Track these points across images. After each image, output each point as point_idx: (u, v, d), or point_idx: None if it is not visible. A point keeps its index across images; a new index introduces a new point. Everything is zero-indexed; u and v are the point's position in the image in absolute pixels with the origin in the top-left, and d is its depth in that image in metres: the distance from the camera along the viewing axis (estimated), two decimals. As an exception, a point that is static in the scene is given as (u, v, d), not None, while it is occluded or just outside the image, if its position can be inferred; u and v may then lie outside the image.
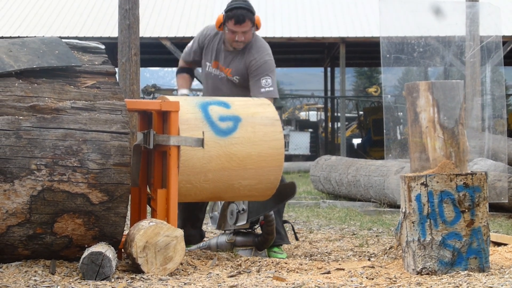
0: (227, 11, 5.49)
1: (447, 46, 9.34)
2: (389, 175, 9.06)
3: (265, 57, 5.53)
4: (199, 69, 5.94)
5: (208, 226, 7.05)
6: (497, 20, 9.30)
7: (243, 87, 5.56)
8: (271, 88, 5.44)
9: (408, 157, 4.62)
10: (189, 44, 5.81)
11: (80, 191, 4.10)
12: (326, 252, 5.49)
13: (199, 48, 5.72)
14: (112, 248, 4.16)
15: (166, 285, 3.93)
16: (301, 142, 25.70)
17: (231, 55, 5.57)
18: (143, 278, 4.05)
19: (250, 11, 5.47)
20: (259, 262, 4.68)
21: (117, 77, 4.75)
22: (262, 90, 5.42)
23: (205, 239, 5.83)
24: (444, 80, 4.59)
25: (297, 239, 5.54)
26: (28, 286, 3.79)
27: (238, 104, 4.92)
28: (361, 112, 28.69)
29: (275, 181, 4.90)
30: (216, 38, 5.67)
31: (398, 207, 6.20)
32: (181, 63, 5.87)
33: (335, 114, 27.30)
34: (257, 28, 5.55)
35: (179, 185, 4.65)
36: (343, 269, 4.44)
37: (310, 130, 27.62)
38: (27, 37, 7.48)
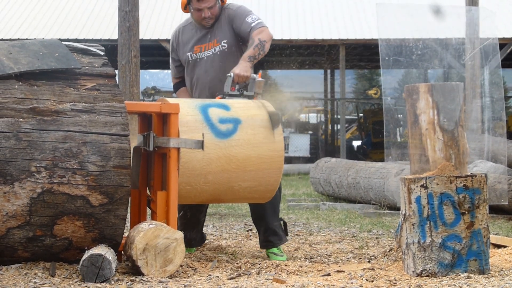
0: None
1: (445, 49, 9.36)
2: (389, 177, 9.06)
3: (235, 4, 5.59)
4: None
5: (209, 229, 7.05)
6: (493, 24, 9.34)
7: (232, 53, 5.49)
8: (260, 20, 5.45)
9: (408, 159, 4.62)
10: (170, 61, 5.78)
11: (80, 193, 4.10)
12: (326, 254, 5.49)
13: (176, 55, 5.67)
14: (112, 250, 4.16)
15: (166, 287, 3.92)
16: (301, 144, 25.67)
17: (209, 30, 5.54)
18: (143, 280, 4.04)
19: None
20: (259, 264, 4.68)
21: (117, 79, 4.75)
22: (253, 24, 5.40)
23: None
24: (444, 82, 4.59)
25: (286, 234, 5.48)
26: (28, 288, 3.79)
27: (238, 106, 4.92)
28: (361, 114, 28.69)
29: (275, 183, 4.90)
30: (185, 30, 5.63)
31: (398, 209, 6.20)
32: (173, 80, 5.81)
33: (335, 116, 27.30)
34: (223, 1, 5.53)
35: (179, 187, 4.65)
36: (343, 271, 4.43)
37: (310, 132, 27.61)
38: (27, 39, 7.48)
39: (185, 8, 5.53)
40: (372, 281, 4.11)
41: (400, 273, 4.33)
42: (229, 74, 5.17)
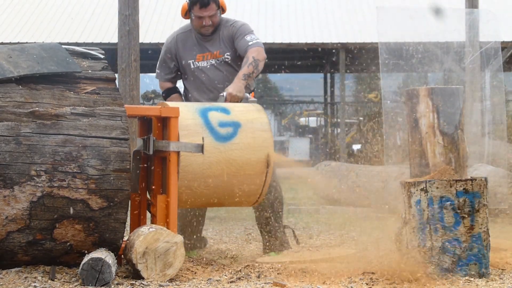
0: None
1: (445, 52, 9.36)
2: (389, 180, 9.06)
3: (240, 22, 5.64)
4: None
5: (209, 232, 7.05)
6: (495, 27, 9.34)
7: (234, 65, 5.56)
8: (258, 40, 5.51)
9: (408, 162, 4.62)
10: (159, 65, 5.76)
11: (80, 197, 4.10)
12: (326, 258, 5.48)
13: (172, 60, 5.67)
14: (112, 254, 4.16)
15: (166, 291, 3.92)
16: (301, 147, 25.70)
17: (211, 40, 5.56)
18: (143, 284, 4.04)
19: None
20: (259, 267, 4.68)
21: (116, 83, 4.75)
22: (250, 43, 5.46)
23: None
24: (444, 86, 4.59)
25: (298, 243, 5.52)
26: (27, 292, 3.79)
27: (238, 110, 4.92)
28: (360, 118, 28.69)
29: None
30: (188, 36, 5.64)
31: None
32: (163, 85, 5.79)
33: (335, 119, 27.31)
34: (223, 10, 5.56)
35: (179, 191, 4.65)
36: (343, 275, 4.43)
37: (310, 135, 27.63)
38: (27, 43, 7.49)
39: (186, 15, 5.55)
40: (372, 285, 4.11)
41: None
42: (222, 94, 5.19)
